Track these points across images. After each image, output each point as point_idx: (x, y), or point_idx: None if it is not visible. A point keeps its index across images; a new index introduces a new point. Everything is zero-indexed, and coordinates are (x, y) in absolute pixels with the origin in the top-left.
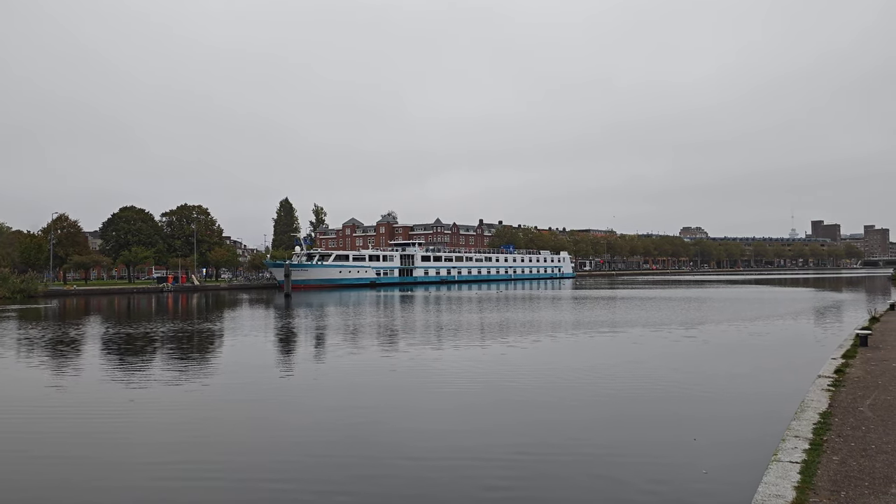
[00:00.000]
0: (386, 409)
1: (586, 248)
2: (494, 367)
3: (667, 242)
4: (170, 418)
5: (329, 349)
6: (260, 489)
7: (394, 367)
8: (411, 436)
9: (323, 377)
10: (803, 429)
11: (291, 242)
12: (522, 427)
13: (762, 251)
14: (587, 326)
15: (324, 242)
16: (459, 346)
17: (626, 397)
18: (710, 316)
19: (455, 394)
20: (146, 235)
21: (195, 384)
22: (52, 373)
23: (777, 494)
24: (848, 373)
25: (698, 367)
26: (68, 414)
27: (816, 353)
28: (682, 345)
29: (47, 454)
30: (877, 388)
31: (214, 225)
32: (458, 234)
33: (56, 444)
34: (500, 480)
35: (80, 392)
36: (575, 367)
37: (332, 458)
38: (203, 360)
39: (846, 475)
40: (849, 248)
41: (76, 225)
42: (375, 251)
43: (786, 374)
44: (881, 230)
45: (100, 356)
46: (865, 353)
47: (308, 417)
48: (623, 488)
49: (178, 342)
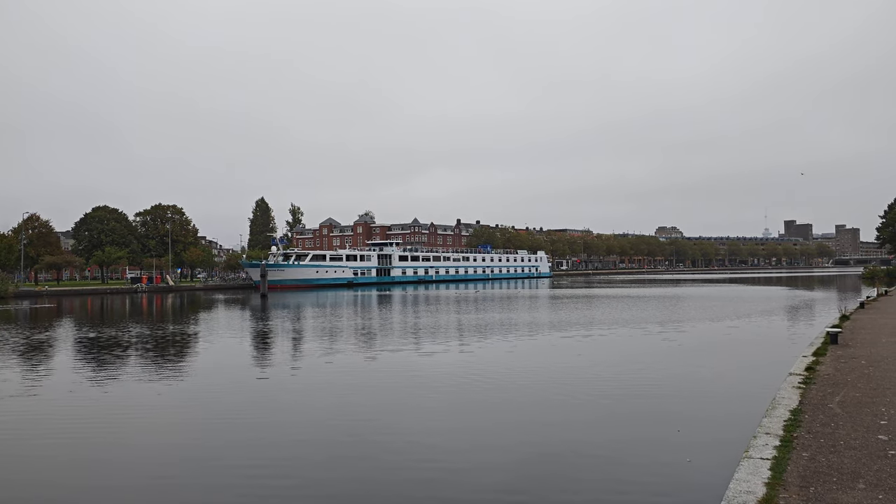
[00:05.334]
0: (381, 409)
1: (563, 248)
2: (474, 368)
3: (643, 242)
4: (156, 419)
5: (308, 350)
6: (258, 489)
7: (380, 368)
8: (406, 436)
9: (308, 377)
10: (774, 426)
11: (268, 242)
12: (510, 426)
13: (736, 250)
14: (565, 326)
15: (300, 242)
16: (440, 346)
17: (605, 396)
18: (684, 314)
19: (440, 393)
20: (120, 235)
21: (173, 386)
22: (28, 376)
23: (748, 491)
24: (818, 370)
25: (673, 366)
26: (53, 419)
27: (788, 351)
28: (657, 344)
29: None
30: (846, 385)
31: (189, 225)
32: (435, 234)
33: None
34: (496, 478)
35: (57, 396)
36: (554, 367)
37: (331, 456)
38: (179, 363)
39: (815, 471)
40: (821, 247)
41: (48, 225)
42: (353, 251)
43: (758, 372)
44: (852, 229)
45: (72, 359)
46: (836, 351)
47: (299, 416)
48: (612, 478)
49: (153, 344)
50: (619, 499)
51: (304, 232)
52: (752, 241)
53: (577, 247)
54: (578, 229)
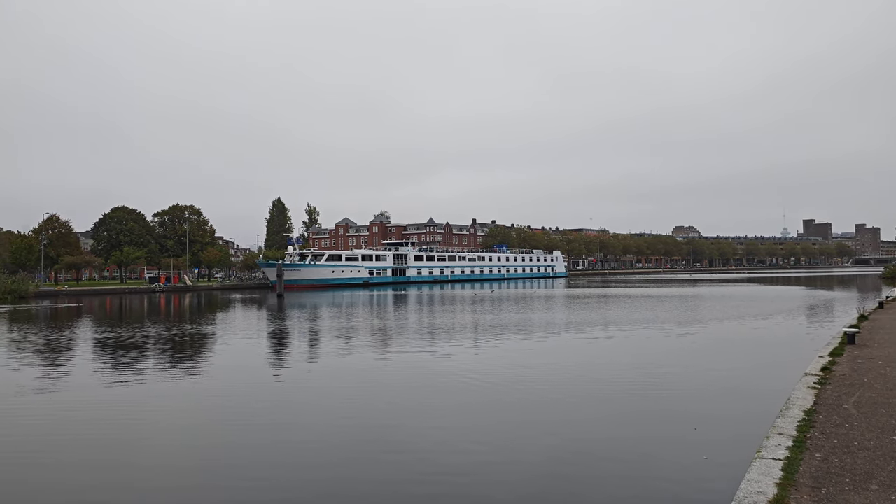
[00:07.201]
0: (402, 409)
1: (579, 248)
2: (491, 369)
3: (659, 242)
4: (175, 420)
5: (327, 350)
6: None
7: (399, 369)
8: (427, 436)
9: (326, 377)
10: (788, 426)
11: (284, 242)
12: (528, 425)
13: (754, 250)
14: (582, 326)
15: (317, 242)
16: (457, 346)
17: (623, 394)
18: (703, 314)
19: (458, 394)
20: (138, 235)
21: (192, 385)
22: (46, 375)
23: (759, 491)
24: (834, 370)
25: (691, 365)
26: (70, 418)
27: (805, 350)
28: (675, 343)
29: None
30: (862, 386)
31: (207, 225)
32: (451, 234)
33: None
34: (517, 477)
35: (79, 394)
36: (573, 366)
37: (350, 458)
38: (197, 362)
39: (828, 472)
40: (840, 246)
41: (67, 225)
42: (368, 251)
43: (774, 372)
44: (872, 229)
45: (95, 357)
46: (853, 351)
47: (317, 418)
48: (630, 475)
49: (172, 344)
50: (637, 494)
51: (320, 232)
52: (770, 240)
53: (593, 246)
54: (595, 229)
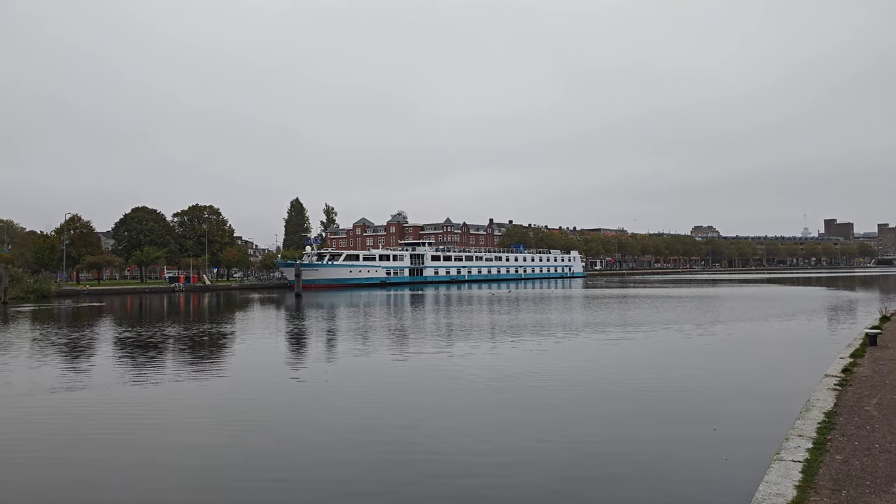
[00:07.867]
0: (419, 409)
1: (597, 248)
2: (510, 369)
3: (678, 241)
4: (196, 419)
5: (344, 350)
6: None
7: (417, 369)
8: (447, 436)
9: (343, 378)
10: (808, 428)
11: (302, 242)
12: (547, 423)
13: (774, 250)
14: (601, 326)
15: (334, 242)
16: (475, 346)
17: (642, 395)
18: (723, 315)
19: (478, 394)
20: (158, 235)
21: (210, 385)
22: (66, 374)
23: (778, 493)
24: (855, 372)
25: (711, 365)
26: (94, 414)
27: (826, 351)
28: (695, 343)
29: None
30: (883, 388)
31: (226, 225)
32: (468, 234)
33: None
34: (537, 478)
35: (99, 393)
36: (591, 367)
37: (367, 457)
38: (216, 362)
39: (848, 474)
40: (862, 246)
41: (89, 225)
42: (386, 251)
43: (794, 372)
44: (895, 229)
45: (116, 356)
46: (874, 353)
47: (334, 418)
48: (651, 475)
49: (191, 343)
50: (654, 495)
51: (337, 232)
52: (790, 240)
53: (611, 246)
54: (612, 229)
